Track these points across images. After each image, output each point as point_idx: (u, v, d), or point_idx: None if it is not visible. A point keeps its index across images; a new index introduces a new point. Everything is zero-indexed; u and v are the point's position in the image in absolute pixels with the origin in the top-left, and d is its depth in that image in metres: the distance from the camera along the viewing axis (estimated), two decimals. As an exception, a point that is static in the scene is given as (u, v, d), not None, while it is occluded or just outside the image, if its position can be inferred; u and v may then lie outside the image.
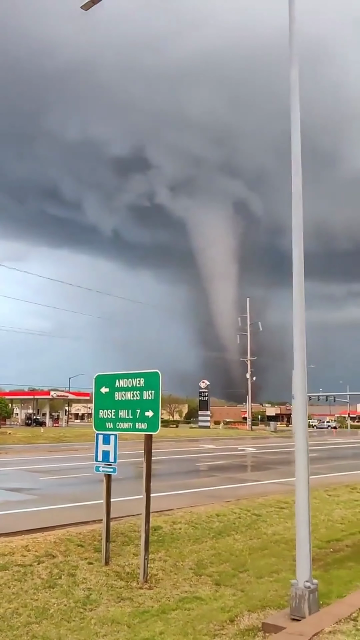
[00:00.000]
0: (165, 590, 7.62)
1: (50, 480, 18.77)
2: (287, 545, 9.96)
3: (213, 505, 12.97)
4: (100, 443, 8.75)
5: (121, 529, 10.13)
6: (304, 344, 6.66)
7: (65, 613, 6.69)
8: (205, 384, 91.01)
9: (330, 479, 18.83)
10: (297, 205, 6.92)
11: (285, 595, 6.92)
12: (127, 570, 8.28)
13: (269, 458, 30.29)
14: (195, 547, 9.74)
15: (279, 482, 18.23)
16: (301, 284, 6.78)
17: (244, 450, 36.81)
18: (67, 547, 8.96)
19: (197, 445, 41.46)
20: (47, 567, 8.10)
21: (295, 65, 7.13)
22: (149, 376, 8.25)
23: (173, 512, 11.99)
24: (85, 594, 7.30)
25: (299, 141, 7.07)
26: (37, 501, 14.13)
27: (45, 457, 28.78)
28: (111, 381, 8.69)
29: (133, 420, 8.29)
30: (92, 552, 8.85)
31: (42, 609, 6.76)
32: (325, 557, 9.41)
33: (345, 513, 13.26)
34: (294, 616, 5.98)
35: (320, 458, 29.05)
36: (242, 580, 8.08)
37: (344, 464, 27.44)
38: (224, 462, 27.10)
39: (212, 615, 6.58)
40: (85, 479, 18.35)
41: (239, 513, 12.30)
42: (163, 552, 9.28)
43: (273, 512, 12.71)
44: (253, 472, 23.64)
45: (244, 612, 6.61)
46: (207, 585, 7.86)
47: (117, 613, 6.72)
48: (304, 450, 6.45)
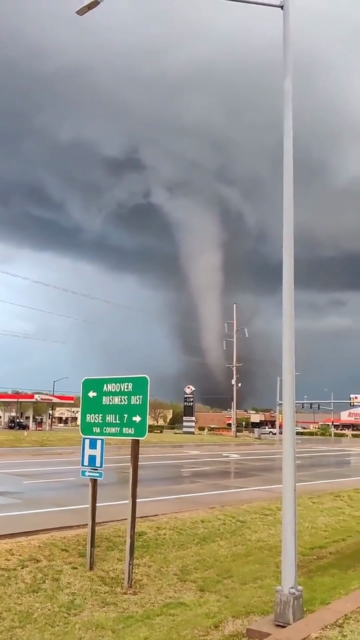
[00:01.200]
0: (149, 595, 7.60)
1: (33, 484, 18.65)
2: (271, 552, 10.00)
3: (198, 512, 12.98)
4: (86, 447, 8.72)
5: (105, 534, 10.10)
6: (292, 352, 6.70)
7: (49, 618, 6.66)
8: (191, 389, 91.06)
9: (314, 487, 18.91)
10: (288, 211, 6.98)
11: (270, 601, 6.94)
12: (112, 576, 8.25)
13: (253, 465, 30.34)
14: (179, 553, 9.73)
15: (263, 489, 18.28)
16: (291, 292, 6.83)
17: (229, 456, 36.84)
18: (52, 552, 8.92)
19: (182, 451, 41.43)
20: (31, 571, 8.06)
21: (289, 76, 7.21)
22: (137, 381, 8.26)
23: (158, 517, 11.98)
24: (69, 599, 7.27)
25: (291, 150, 7.14)
26: (20, 505, 14.04)
27: (29, 460, 28.58)
28: (99, 385, 8.68)
29: (120, 425, 8.29)
30: (77, 557, 8.81)
31: (26, 614, 6.72)
32: (309, 564, 9.45)
33: (329, 520, 13.33)
34: (279, 622, 6.00)
35: (305, 465, 29.16)
36: (227, 586, 8.09)
37: (327, 471, 27.57)
38: (209, 469, 27.10)
39: (197, 621, 6.58)
40: (69, 483, 18.26)
41: (223, 519, 12.32)
42: (147, 558, 9.27)
43: (257, 518, 12.75)
44: (237, 479, 23.66)
45: (229, 618, 6.62)
46: (191, 591, 7.86)
47: (102, 618, 6.69)
48: (291, 458, 6.48)
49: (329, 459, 38.62)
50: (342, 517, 13.85)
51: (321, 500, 15.66)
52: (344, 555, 10.35)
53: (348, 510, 14.72)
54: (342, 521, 13.44)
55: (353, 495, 17.09)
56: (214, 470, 26.34)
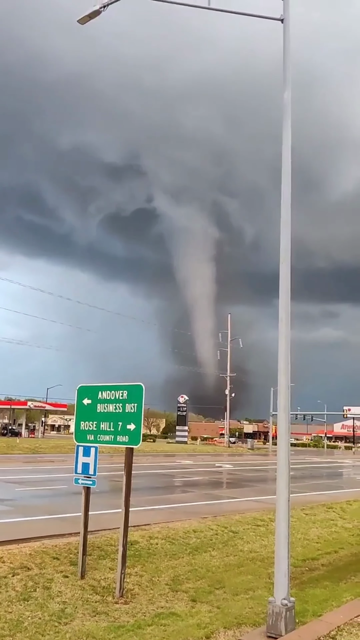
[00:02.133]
0: (141, 605, 7.55)
1: (25, 491, 18.54)
2: (263, 563, 9.96)
3: (190, 522, 12.92)
4: (80, 455, 8.69)
5: (97, 543, 10.04)
6: (288, 363, 6.71)
7: (39, 626, 6.60)
8: (184, 398, 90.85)
9: (307, 498, 18.88)
10: (285, 223, 7.02)
11: (262, 612, 6.91)
12: (103, 585, 8.20)
13: (245, 475, 30.26)
14: (171, 563, 9.68)
15: (255, 500, 18.23)
16: (287, 302, 6.86)
17: (221, 467, 36.74)
18: (43, 560, 8.86)
19: (174, 460, 41.28)
20: (22, 579, 7.99)
21: (289, 88, 7.28)
22: (132, 389, 8.24)
23: (150, 527, 11.92)
24: (60, 608, 7.21)
25: (289, 160, 7.20)
26: (12, 512, 13.95)
27: (21, 468, 28.41)
28: (94, 393, 8.66)
29: (115, 433, 8.26)
30: (68, 565, 8.75)
31: (16, 622, 6.66)
32: (301, 576, 9.41)
33: (322, 532, 13.30)
34: (270, 634, 5.97)
35: (297, 477, 29.10)
36: (218, 597, 8.05)
37: (320, 483, 27.52)
38: (201, 479, 27.01)
39: (188, 631, 6.53)
40: (61, 491, 18.17)
41: (215, 530, 12.27)
42: (139, 567, 9.21)
43: (250, 529, 12.70)
44: (230, 489, 23.58)
45: (220, 629, 6.58)
46: (183, 601, 7.81)
47: (93, 627, 6.64)
48: (285, 469, 6.48)
49: (322, 470, 38.56)
50: (335, 529, 13.82)
51: (314, 512, 15.63)
52: (336, 567, 10.32)
53: (340, 522, 14.69)
54: (334, 533, 13.41)
55: (345, 507, 17.07)
56: (206, 481, 26.25)
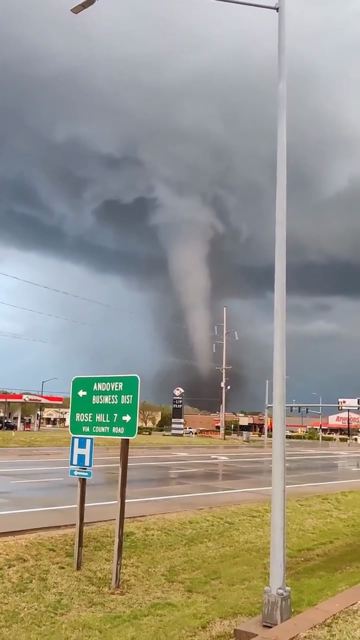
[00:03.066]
0: (137, 596, 7.58)
1: (21, 484, 18.55)
2: (258, 554, 10.01)
3: (186, 513, 12.96)
4: (75, 447, 8.69)
5: (93, 534, 10.06)
6: (284, 355, 6.71)
7: (35, 617, 6.62)
8: (180, 391, 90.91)
9: (302, 489, 18.96)
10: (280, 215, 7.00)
11: (257, 602, 6.95)
12: (99, 576, 8.22)
13: (241, 467, 30.36)
14: (167, 554, 9.71)
15: (251, 491, 18.30)
16: (283, 295, 6.85)
17: (217, 458, 36.84)
18: (39, 551, 8.87)
19: (170, 452, 41.36)
20: (18, 570, 8.01)
21: (284, 79, 7.24)
22: (128, 380, 8.24)
23: (146, 518, 11.95)
24: (56, 599, 7.23)
25: (284, 153, 7.16)
26: (8, 505, 13.96)
27: (16, 461, 28.42)
28: (89, 384, 8.66)
29: (110, 425, 8.27)
30: (64, 557, 8.77)
31: (12, 613, 6.68)
32: (297, 566, 9.47)
33: (317, 523, 13.36)
34: (266, 623, 6.01)
35: (293, 469, 29.22)
36: (214, 587, 8.09)
37: (315, 474, 27.64)
38: (197, 470, 27.08)
39: (184, 621, 6.57)
40: (57, 484, 18.19)
41: (211, 521, 12.31)
42: (135, 558, 9.24)
43: (245, 520, 12.75)
44: (226, 481, 23.66)
45: (216, 619, 6.62)
46: (179, 591, 7.84)
47: (89, 618, 6.66)
48: (281, 460, 6.50)
49: (317, 462, 38.72)
50: (330, 520, 13.89)
51: (309, 503, 15.69)
52: (331, 557, 10.38)
53: (335, 513, 14.76)
54: (329, 524, 13.48)
55: (341, 498, 17.15)
56: (202, 472, 26.33)
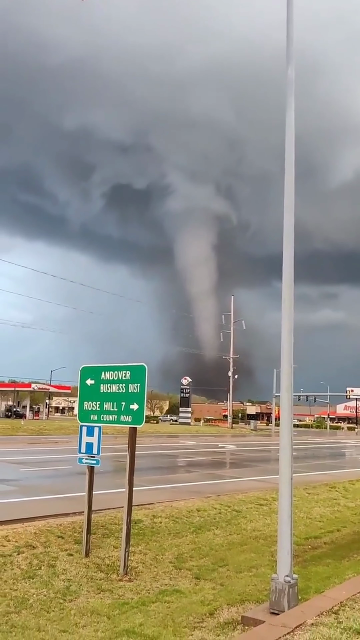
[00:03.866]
0: (145, 582, 7.63)
1: (30, 471, 18.68)
2: (266, 541, 10.04)
3: (193, 501, 13.01)
4: (84, 435, 8.72)
5: (101, 522, 10.12)
6: (291, 343, 6.68)
7: (44, 603, 6.68)
8: (187, 380, 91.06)
9: (309, 478, 18.98)
10: (289, 200, 6.94)
11: (264, 590, 6.97)
12: (107, 563, 8.28)
13: (248, 456, 30.43)
14: (175, 541, 9.76)
15: (258, 480, 18.34)
16: (291, 283, 6.80)
17: (224, 447, 36.95)
18: (47, 539, 8.94)
19: (178, 441, 41.52)
20: (27, 557, 8.07)
21: (292, 64, 7.15)
22: (135, 369, 8.25)
23: (153, 506, 12.01)
24: (65, 585, 7.29)
25: (293, 139, 7.08)
26: (17, 492, 14.06)
27: (26, 449, 28.62)
28: (97, 373, 8.67)
29: (118, 413, 8.29)
30: (72, 544, 8.83)
31: (22, 599, 6.74)
32: (304, 554, 9.49)
33: (324, 511, 13.39)
34: (273, 610, 6.03)
35: (300, 457, 29.25)
36: (222, 574, 8.13)
37: (323, 463, 27.68)
38: (204, 459, 27.18)
39: (192, 608, 6.61)
40: (66, 472, 18.31)
41: (219, 508, 12.36)
42: (143, 546, 9.30)
43: (253, 508, 12.79)
44: (233, 469, 23.73)
45: (224, 606, 6.65)
46: (186, 578, 7.89)
47: (97, 604, 6.72)
48: (288, 447, 6.49)
49: (325, 451, 38.76)
50: (337, 508, 13.91)
51: (316, 491, 15.72)
52: (338, 545, 10.40)
53: (343, 501, 14.78)
54: (337, 512, 13.50)
55: (348, 486, 17.16)
56: (209, 461, 26.43)
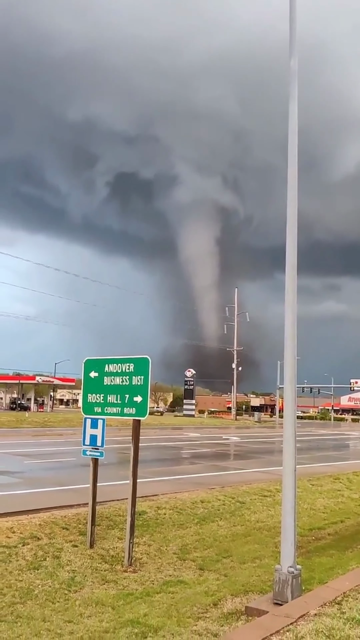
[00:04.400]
0: (149, 573, 7.68)
1: (34, 464, 18.76)
2: (270, 532, 10.08)
3: (197, 492, 13.06)
4: (88, 427, 8.76)
5: (106, 513, 10.17)
6: (294, 334, 6.67)
7: (49, 594, 6.73)
8: (191, 372, 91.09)
9: (313, 469, 19.01)
10: (292, 192, 6.91)
11: (268, 580, 7.00)
12: (112, 554, 8.33)
13: (252, 447, 30.49)
14: (179, 532, 9.81)
15: (262, 471, 18.39)
16: (294, 274, 6.78)
17: (228, 439, 37.03)
18: (52, 530, 8.99)
19: (182, 433, 41.62)
20: (32, 548, 8.13)
21: (295, 55, 7.09)
22: (139, 362, 8.26)
23: (158, 497, 12.06)
24: (69, 576, 7.35)
25: (296, 130, 7.03)
26: (21, 484, 14.14)
27: (30, 441, 28.73)
28: (101, 366, 8.69)
29: (122, 405, 8.31)
30: (77, 535, 8.89)
31: (27, 590, 6.79)
32: (308, 545, 9.52)
33: (328, 502, 13.42)
34: (277, 600, 6.05)
35: (304, 449, 29.31)
36: (226, 565, 8.17)
37: (326, 454, 27.71)
38: (209, 450, 27.25)
39: (196, 598, 6.64)
40: (70, 463, 18.39)
41: (223, 500, 12.40)
42: (147, 537, 9.34)
43: (257, 499, 12.83)
44: (237, 461, 23.79)
45: (228, 596, 6.69)
46: (191, 569, 7.93)
47: (102, 595, 6.77)
48: (292, 439, 6.49)
49: (328, 442, 38.80)
50: (341, 499, 13.94)
51: (320, 483, 15.75)
52: (342, 536, 10.44)
53: (347, 493, 14.82)
54: (340, 503, 13.54)
55: (352, 477, 17.19)
56: (213, 452, 26.49)
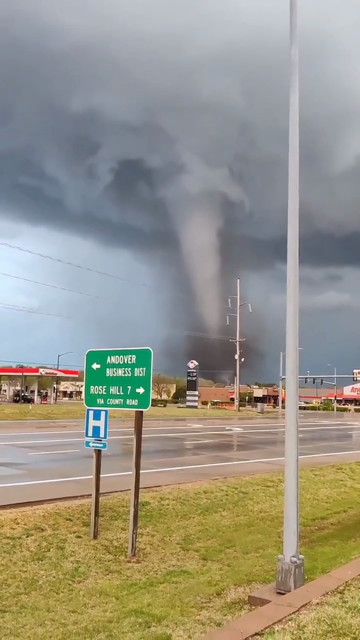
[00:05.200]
0: (152, 564, 7.72)
1: (38, 455, 18.84)
2: (273, 523, 10.12)
3: (200, 483, 13.10)
4: (90, 419, 8.78)
5: (109, 504, 10.22)
6: (296, 325, 6.65)
7: (54, 584, 6.77)
8: (194, 364, 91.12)
9: (316, 459, 19.06)
10: (293, 184, 6.88)
11: (271, 570, 7.04)
12: (115, 544, 8.37)
13: (255, 438, 30.56)
14: (182, 523, 9.85)
15: (265, 462, 18.44)
16: (295, 264, 6.76)
17: (231, 430, 37.11)
18: (56, 521, 9.04)
19: (185, 424, 41.71)
20: (36, 540, 8.17)
21: (296, 44, 7.03)
22: (141, 353, 8.27)
23: (161, 488, 12.10)
24: (73, 567, 7.39)
25: (297, 121, 6.97)
26: (25, 476, 14.19)
27: (34, 433, 28.84)
28: (103, 357, 8.70)
29: (124, 397, 8.33)
30: (81, 526, 8.93)
31: (31, 581, 6.84)
32: (310, 535, 9.56)
33: (331, 492, 13.46)
34: (280, 590, 6.09)
35: (307, 439, 29.36)
36: (229, 555, 8.21)
37: (329, 444, 27.76)
38: (211, 441, 27.33)
39: (199, 588, 6.69)
40: (74, 455, 18.45)
41: (226, 490, 12.44)
42: (151, 527, 9.39)
43: (259, 490, 12.87)
44: (240, 451, 23.84)
45: (231, 586, 6.73)
46: (194, 559, 7.97)
47: (106, 585, 6.81)
48: (294, 429, 6.50)
49: (331, 432, 38.87)
50: (344, 489, 13.98)
51: (323, 473, 15.79)
52: (345, 526, 10.47)
53: (350, 483, 14.85)
54: (343, 493, 13.58)
55: (355, 467, 17.22)
56: (216, 443, 26.57)
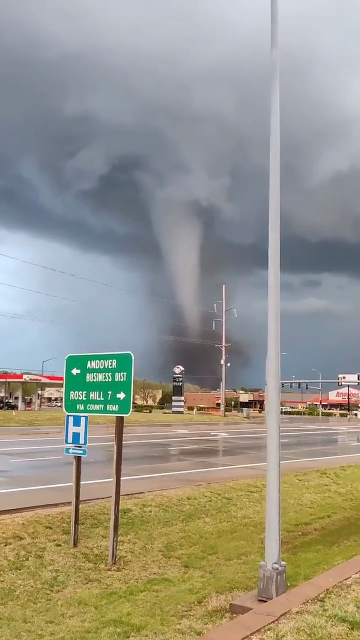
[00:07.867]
0: (133, 572, 7.60)
1: (20, 462, 18.62)
2: (256, 529, 10.03)
3: (184, 489, 12.99)
4: (70, 425, 8.66)
5: (90, 512, 10.07)
6: (278, 330, 6.60)
7: (31, 594, 6.63)
8: (180, 369, 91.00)
9: (300, 464, 19.03)
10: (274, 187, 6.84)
11: (254, 577, 6.94)
12: (96, 552, 8.24)
13: (240, 443, 30.50)
14: (164, 530, 9.74)
15: (249, 467, 18.36)
16: (276, 269, 6.71)
17: (217, 435, 37.01)
18: (35, 529, 8.88)
19: (170, 430, 41.55)
20: (14, 548, 8.02)
21: (276, 46, 7.00)
22: (121, 358, 8.17)
23: (144, 495, 11.97)
24: (52, 576, 7.24)
25: (277, 126, 6.92)
26: (6, 483, 13.99)
27: (17, 440, 28.54)
28: (83, 362, 8.58)
29: (104, 402, 8.21)
30: (61, 534, 8.78)
31: (8, 590, 6.69)
32: (294, 540, 9.49)
33: (315, 497, 13.41)
34: (262, 597, 6.00)
35: (292, 444, 29.36)
36: (211, 562, 8.11)
37: (314, 449, 27.75)
38: (196, 447, 27.21)
39: (180, 596, 6.57)
40: (56, 462, 18.25)
41: (209, 496, 12.35)
42: (132, 535, 9.26)
43: (243, 495, 12.79)
44: (225, 457, 23.78)
45: (212, 594, 6.62)
46: (175, 567, 7.86)
47: (85, 594, 6.67)
48: (275, 434, 6.43)
49: (316, 437, 38.91)
50: (328, 494, 13.94)
51: (307, 478, 15.74)
52: (328, 531, 10.42)
53: (334, 487, 14.82)
54: (327, 498, 13.54)
55: (339, 472, 17.21)
56: (201, 449, 26.45)
